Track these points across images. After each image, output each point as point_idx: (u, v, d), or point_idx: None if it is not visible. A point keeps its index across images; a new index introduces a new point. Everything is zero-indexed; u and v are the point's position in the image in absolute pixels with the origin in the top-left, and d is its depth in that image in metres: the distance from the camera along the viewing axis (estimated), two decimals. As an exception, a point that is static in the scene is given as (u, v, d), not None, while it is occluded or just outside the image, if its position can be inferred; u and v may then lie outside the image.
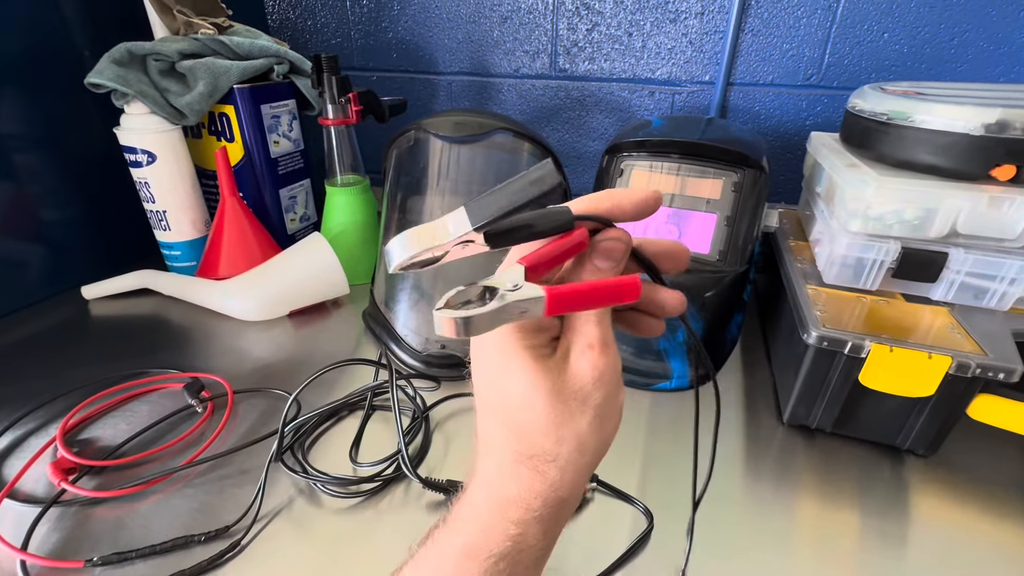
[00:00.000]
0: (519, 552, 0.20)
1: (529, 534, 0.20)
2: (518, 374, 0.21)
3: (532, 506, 0.20)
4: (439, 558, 0.20)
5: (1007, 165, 0.38)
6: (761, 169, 0.50)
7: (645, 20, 0.73)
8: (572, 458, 0.20)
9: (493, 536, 0.20)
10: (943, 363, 0.36)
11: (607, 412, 0.21)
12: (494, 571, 0.19)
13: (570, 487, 0.21)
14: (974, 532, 0.37)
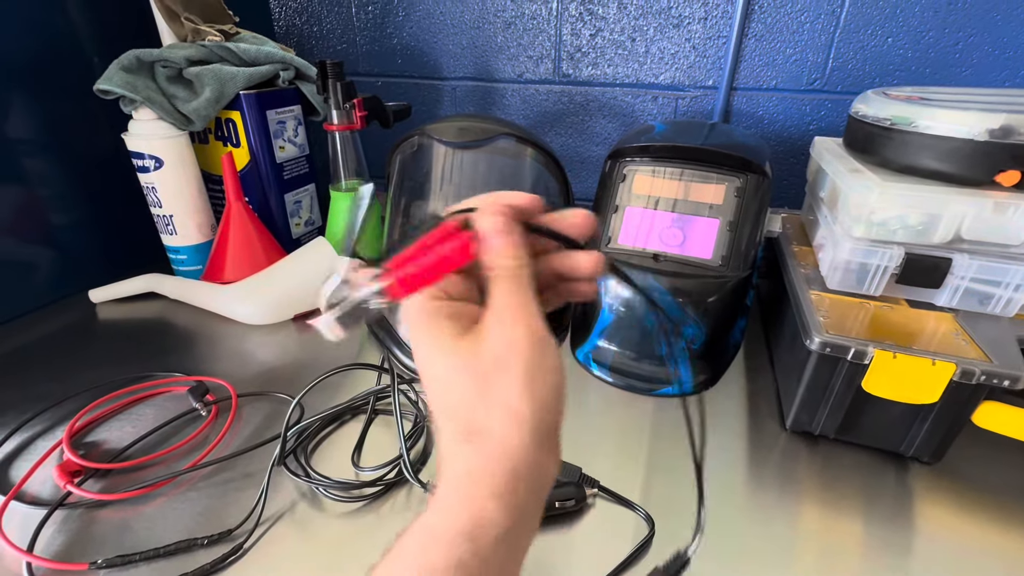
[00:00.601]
0: (478, 528, 0.19)
1: (487, 510, 0.20)
2: (439, 357, 0.21)
3: (482, 481, 0.20)
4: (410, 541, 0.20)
5: (1012, 171, 0.38)
6: (764, 174, 0.50)
7: (648, 25, 0.73)
8: (508, 427, 0.20)
9: (452, 515, 0.20)
10: (947, 370, 0.36)
11: (533, 376, 0.21)
12: (459, 550, 0.19)
13: (518, 457, 0.20)
14: (980, 541, 0.37)
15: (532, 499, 0.21)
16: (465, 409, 0.21)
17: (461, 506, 0.20)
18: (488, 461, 0.20)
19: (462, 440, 0.21)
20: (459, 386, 0.21)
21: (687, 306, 0.49)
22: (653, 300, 0.31)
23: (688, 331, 0.50)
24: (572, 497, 0.38)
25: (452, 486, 0.21)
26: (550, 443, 0.22)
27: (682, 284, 0.50)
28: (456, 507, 0.20)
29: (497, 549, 0.20)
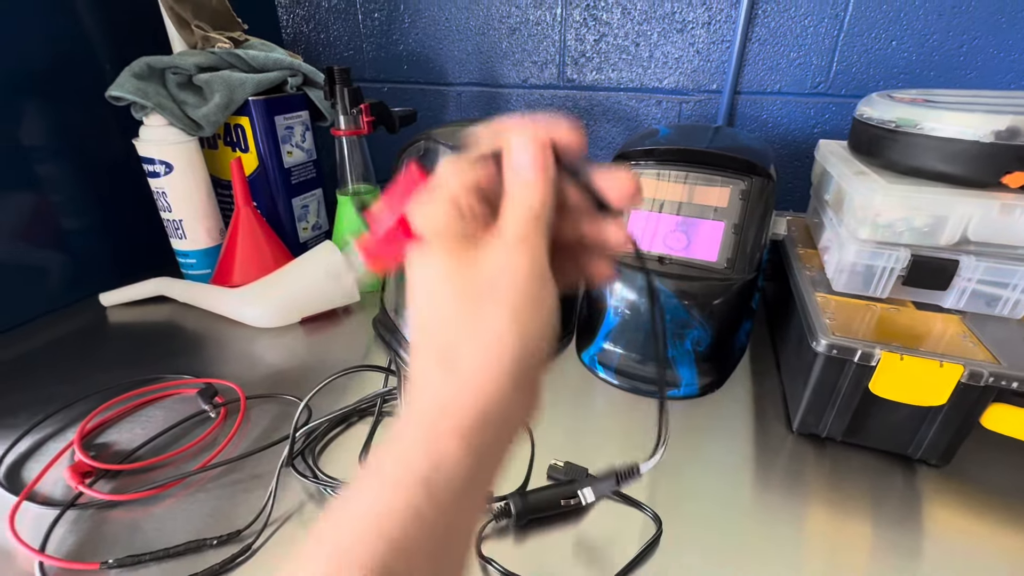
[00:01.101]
0: (436, 472, 0.18)
1: (449, 450, 0.18)
2: (431, 270, 0.20)
3: (448, 415, 0.18)
4: (362, 486, 0.18)
5: (1018, 172, 0.38)
6: (768, 177, 0.50)
7: (652, 30, 0.73)
8: (488, 356, 0.19)
9: (409, 455, 0.18)
10: (955, 371, 0.36)
11: (526, 306, 0.19)
12: (414, 496, 0.17)
13: (491, 392, 0.19)
14: (989, 544, 0.37)
15: (498, 446, 0.19)
16: (447, 329, 0.19)
17: (420, 445, 0.18)
18: (459, 392, 0.19)
19: (435, 364, 0.19)
20: (446, 302, 0.20)
21: (692, 309, 0.50)
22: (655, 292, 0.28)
23: (693, 334, 0.50)
24: (577, 495, 0.38)
25: (414, 420, 0.19)
26: (529, 386, 0.20)
27: (687, 287, 0.50)
28: (415, 446, 0.18)
29: (455, 498, 0.18)
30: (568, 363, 0.56)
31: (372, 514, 0.17)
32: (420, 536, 0.17)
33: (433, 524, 0.17)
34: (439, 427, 0.18)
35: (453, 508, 0.18)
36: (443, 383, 0.19)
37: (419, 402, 0.19)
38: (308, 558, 0.17)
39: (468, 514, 0.19)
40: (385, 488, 0.17)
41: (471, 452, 0.18)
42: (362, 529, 0.17)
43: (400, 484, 0.17)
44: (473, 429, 0.18)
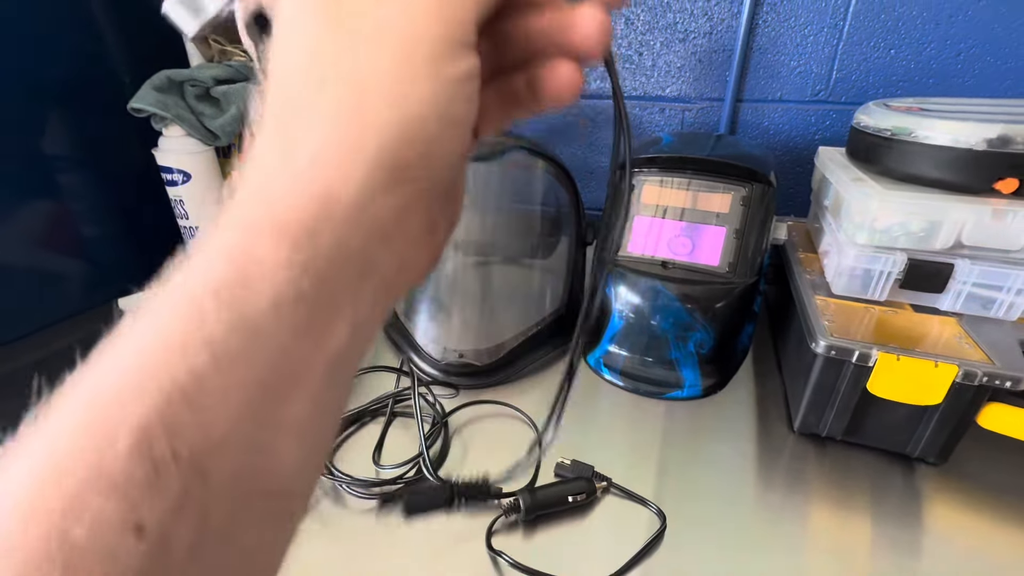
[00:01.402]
0: (242, 285, 0.12)
1: (264, 254, 0.12)
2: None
3: (271, 200, 0.13)
4: (143, 313, 0.13)
5: (1010, 178, 0.39)
6: (769, 183, 0.52)
7: (655, 40, 0.75)
8: (339, 121, 0.13)
9: (211, 261, 0.13)
10: (950, 371, 0.37)
11: (415, 62, 0.13)
12: (208, 312, 0.12)
13: (337, 182, 0.13)
14: (988, 540, 0.38)
15: (345, 269, 0.14)
16: (296, 78, 0.14)
17: (224, 248, 0.13)
18: (295, 175, 0.13)
19: (273, 134, 0.14)
20: (305, 36, 0.14)
21: (695, 312, 0.51)
22: (618, 90, 0.22)
23: (697, 336, 0.51)
24: (584, 491, 0.39)
25: (225, 219, 0.13)
26: (406, 192, 0.14)
27: (690, 290, 0.51)
28: (217, 251, 0.13)
29: (274, 323, 0.12)
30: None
31: (142, 351, 0.12)
32: (217, 375, 0.12)
33: (237, 360, 0.12)
34: (251, 216, 0.13)
35: (275, 343, 0.12)
36: (275, 159, 0.14)
37: (239, 192, 0.14)
38: (55, 423, 0.12)
39: (305, 365, 0.13)
40: (163, 310, 0.12)
41: (297, 263, 0.13)
42: (131, 373, 0.12)
43: (187, 300, 0.12)
44: (301, 225, 0.13)
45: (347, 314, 0.14)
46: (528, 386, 0.54)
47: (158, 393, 0.11)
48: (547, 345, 0.57)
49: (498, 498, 0.39)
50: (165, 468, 0.11)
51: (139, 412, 0.11)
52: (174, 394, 0.11)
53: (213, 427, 0.12)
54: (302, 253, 0.13)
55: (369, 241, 0.14)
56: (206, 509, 0.12)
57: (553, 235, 0.60)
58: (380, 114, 0.13)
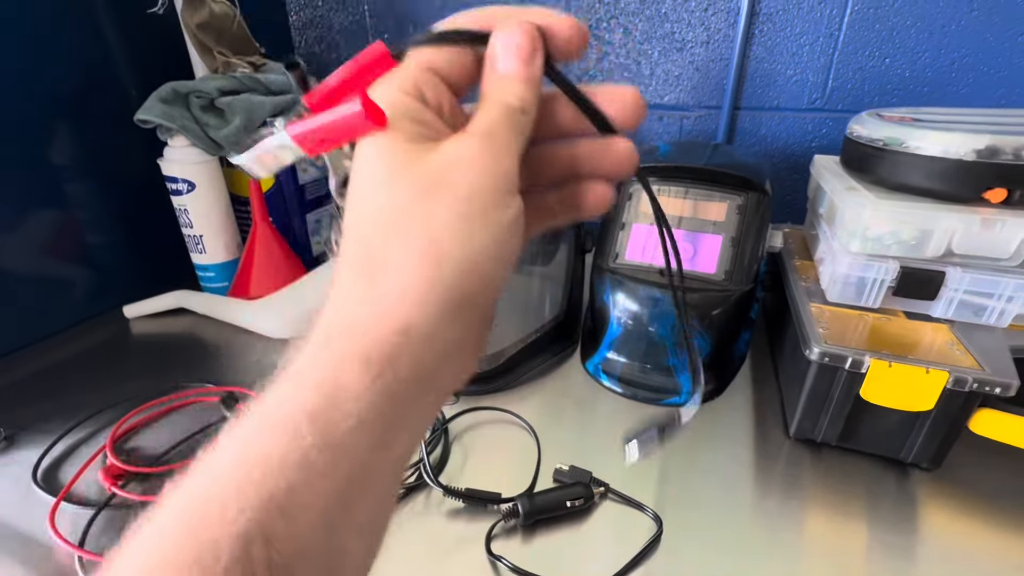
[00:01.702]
0: (331, 407, 0.14)
1: (346, 375, 0.14)
2: (374, 158, 0.16)
3: (355, 337, 0.15)
4: (237, 434, 0.14)
5: (998, 188, 0.40)
6: (764, 192, 0.52)
7: (653, 49, 0.76)
8: (417, 263, 0.15)
9: (298, 389, 0.15)
10: (941, 378, 0.38)
11: (474, 212, 0.15)
12: (300, 438, 0.14)
13: (412, 316, 0.15)
14: (981, 544, 0.38)
15: (416, 392, 0.15)
16: (378, 232, 0.16)
17: (313, 372, 0.15)
18: (375, 309, 0.15)
19: (355, 276, 0.16)
20: (383, 199, 0.16)
21: (692, 319, 0.52)
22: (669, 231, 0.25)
23: (694, 343, 0.52)
24: (582, 496, 0.40)
25: (312, 345, 0.15)
26: (468, 321, 0.16)
27: (687, 298, 0.52)
28: (308, 375, 0.15)
29: (357, 444, 0.14)
30: (573, 371, 0.58)
31: (243, 464, 0.13)
32: (307, 489, 0.13)
33: (325, 474, 0.14)
34: (340, 349, 0.15)
35: (354, 457, 0.14)
36: (359, 299, 0.15)
37: (324, 326, 0.15)
38: (156, 535, 0.13)
39: (376, 473, 0.15)
40: (263, 429, 0.14)
41: (379, 388, 0.14)
42: (228, 485, 0.13)
43: (283, 423, 0.14)
44: (384, 355, 0.14)
45: (412, 425, 0.16)
46: (528, 393, 0.54)
47: (259, 506, 0.13)
48: (546, 352, 0.57)
49: (497, 503, 0.40)
50: (262, 574, 0.13)
51: (242, 523, 0.13)
52: (272, 507, 0.13)
53: (301, 536, 0.13)
54: (383, 379, 0.15)
55: (438, 362, 0.16)
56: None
57: (552, 243, 0.61)
58: (451, 259, 0.15)
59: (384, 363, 0.15)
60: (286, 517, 0.13)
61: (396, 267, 0.15)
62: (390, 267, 0.15)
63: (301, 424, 0.14)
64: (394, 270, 0.15)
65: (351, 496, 0.15)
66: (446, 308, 0.15)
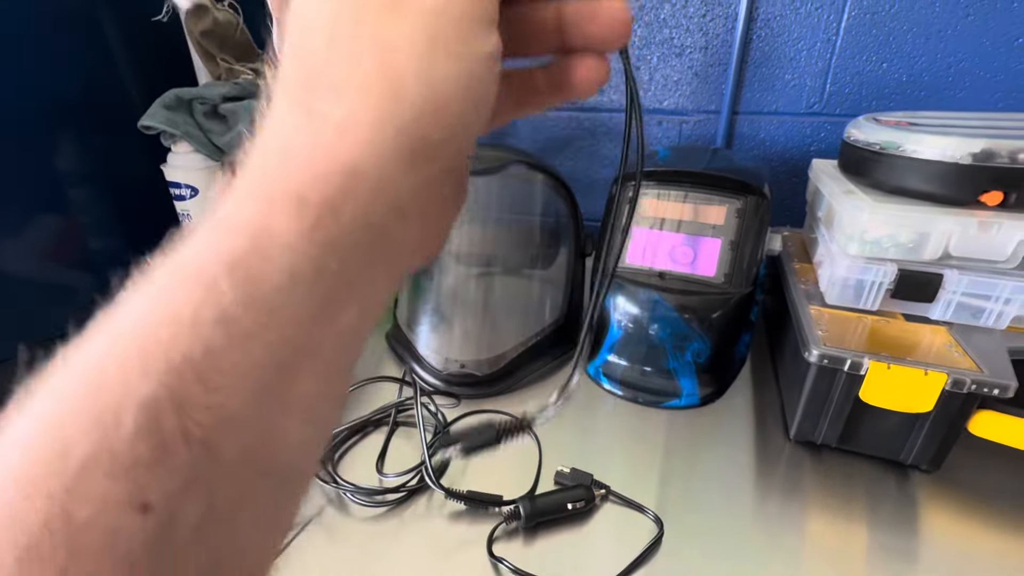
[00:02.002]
0: (256, 254, 0.12)
1: (279, 224, 0.12)
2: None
3: (291, 173, 0.12)
4: (145, 284, 0.12)
5: (994, 191, 0.40)
6: (763, 196, 0.53)
7: (652, 55, 0.77)
8: (366, 92, 0.13)
9: (222, 232, 0.12)
10: (939, 379, 0.38)
11: (448, 34, 0.13)
12: (217, 290, 0.12)
13: (357, 150, 0.13)
14: (982, 546, 0.38)
15: (363, 247, 0.13)
16: (320, 46, 0.13)
17: (237, 215, 0.12)
18: (312, 139, 0.13)
19: (291, 103, 0.13)
20: (328, 5, 0.13)
21: (692, 322, 0.52)
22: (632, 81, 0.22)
23: (694, 346, 0.52)
24: (583, 499, 0.40)
25: (238, 184, 0.13)
26: (426, 172, 0.14)
27: (687, 301, 0.52)
28: (230, 219, 0.12)
29: (289, 300, 0.12)
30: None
31: (149, 323, 0.11)
32: (230, 353, 0.11)
33: (251, 336, 0.12)
34: (268, 188, 0.12)
35: (289, 321, 0.12)
36: (295, 128, 0.13)
37: (253, 164, 0.13)
38: (51, 398, 0.11)
39: (319, 345, 0.13)
40: (173, 283, 0.12)
41: (317, 238, 0.12)
42: (135, 348, 0.11)
43: (197, 275, 0.12)
44: (324, 198, 0.12)
45: (360, 292, 0.14)
46: (528, 396, 0.55)
47: (167, 369, 0.11)
48: (547, 355, 0.58)
49: (499, 506, 0.40)
50: (174, 446, 0.11)
51: (147, 388, 0.11)
52: (185, 371, 0.11)
53: (225, 406, 0.11)
54: (323, 228, 0.12)
55: (388, 219, 0.14)
56: (213, 488, 0.11)
57: (552, 246, 0.61)
58: (410, 89, 0.13)
59: (323, 207, 0.12)
60: (204, 383, 0.11)
61: (341, 92, 0.13)
62: (334, 92, 0.13)
63: (219, 276, 0.12)
64: (339, 96, 0.13)
65: (288, 369, 0.12)
66: (401, 152, 0.13)
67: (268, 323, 0.12)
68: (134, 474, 0.10)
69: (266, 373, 0.12)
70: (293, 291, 0.12)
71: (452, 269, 0.59)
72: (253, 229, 0.12)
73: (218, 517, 0.12)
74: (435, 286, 0.59)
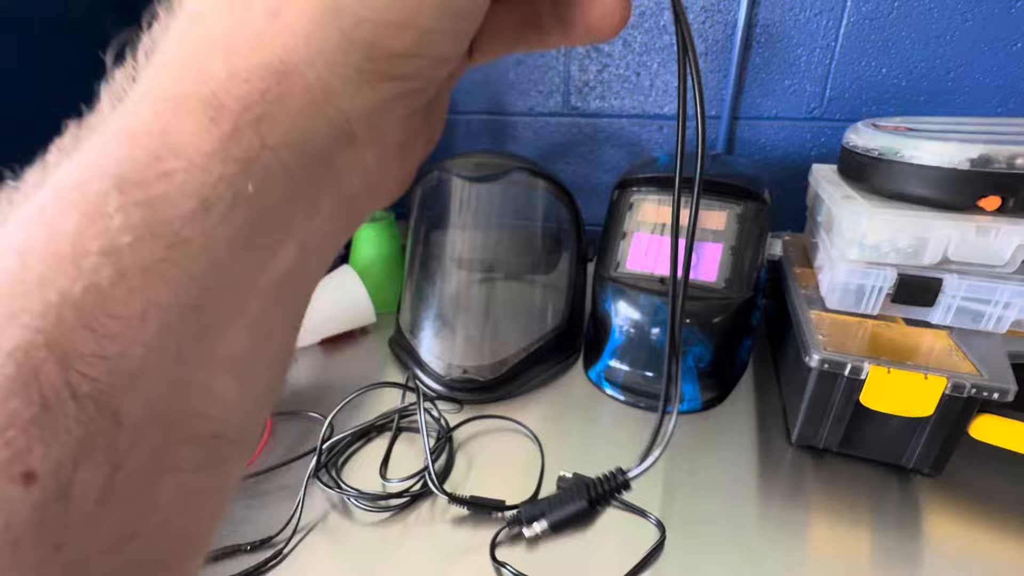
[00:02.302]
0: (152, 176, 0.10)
1: (184, 130, 0.10)
2: None
3: (200, 61, 0.10)
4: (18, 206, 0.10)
5: (992, 196, 0.40)
6: (762, 201, 0.53)
7: (652, 61, 0.77)
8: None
9: (111, 137, 0.10)
10: (939, 383, 0.38)
11: None
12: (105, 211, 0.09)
13: (299, 46, 0.10)
14: (984, 550, 0.38)
15: (298, 171, 0.11)
16: None
17: (132, 120, 0.10)
18: (237, 23, 0.10)
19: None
20: None
21: (693, 327, 0.52)
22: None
23: (695, 351, 0.53)
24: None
25: (143, 80, 0.11)
26: (381, 91, 0.12)
27: (688, 306, 0.52)
28: (122, 124, 0.10)
29: (201, 230, 0.10)
30: (575, 379, 0.58)
31: (20, 254, 0.09)
32: (126, 293, 0.09)
33: (152, 273, 0.10)
34: (171, 87, 0.10)
35: (204, 256, 0.10)
36: (218, 17, 0.11)
37: (155, 57, 0.11)
38: None
39: (249, 290, 0.11)
40: (51, 205, 0.10)
41: (234, 154, 0.10)
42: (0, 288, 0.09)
43: (80, 194, 0.10)
44: (242, 104, 0.10)
45: (298, 230, 0.11)
46: (530, 401, 0.55)
47: (42, 311, 0.09)
48: (549, 360, 0.58)
49: (501, 511, 0.41)
50: (59, 404, 0.09)
51: (15, 334, 0.09)
52: (65, 313, 0.09)
53: (125, 357, 0.09)
54: (243, 142, 0.10)
55: (334, 142, 0.11)
56: (118, 454, 0.10)
57: (554, 252, 0.62)
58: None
59: (242, 115, 0.10)
60: (91, 328, 0.09)
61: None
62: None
63: (106, 196, 0.09)
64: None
65: (208, 315, 0.10)
66: (348, 59, 0.11)
67: (171, 257, 0.10)
68: (7, 437, 0.09)
69: (173, 318, 0.10)
70: (203, 219, 0.10)
71: (455, 275, 0.60)
72: (151, 138, 0.10)
73: (128, 488, 0.10)
74: (437, 292, 0.60)
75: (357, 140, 0.12)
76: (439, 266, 0.60)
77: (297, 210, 0.11)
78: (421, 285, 0.61)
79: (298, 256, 0.12)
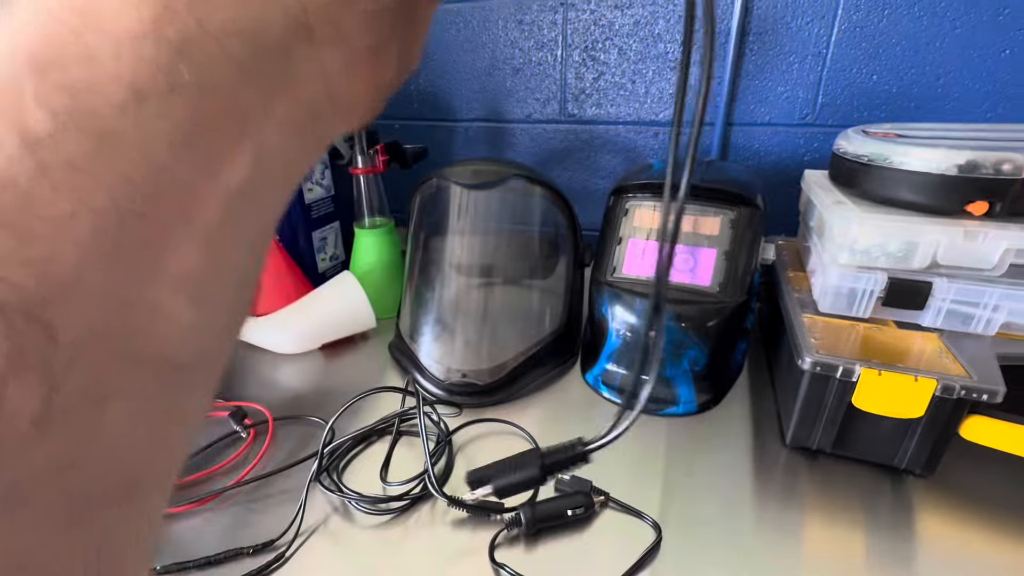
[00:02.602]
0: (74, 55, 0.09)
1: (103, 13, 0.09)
2: None
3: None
4: None
5: (980, 201, 0.41)
6: (756, 207, 0.54)
7: (647, 69, 0.79)
8: None
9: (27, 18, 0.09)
10: (929, 385, 0.39)
11: None
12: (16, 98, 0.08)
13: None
14: (977, 550, 0.39)
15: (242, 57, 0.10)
16: None
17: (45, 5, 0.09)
18: None
19: None
20: None
21: (688, 331, 0.53)
22: None
23: (690, 354, 0.53)
24: (582, 505, 0.41)
25: None
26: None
27: (683, 310, 0.53)
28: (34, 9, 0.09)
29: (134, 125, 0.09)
30: (573, 383, 0.59)
31: None
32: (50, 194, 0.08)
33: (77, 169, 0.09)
34: None
35: (137, 154, 0.09)
36: None
37: None
38: None
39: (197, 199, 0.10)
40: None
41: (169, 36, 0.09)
42: None
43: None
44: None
45: (252, 135, 0.10)
46: (529, 404, 0.56)
47: None
48: (547, 364, 0.59)
49: (500, 513, 0.41)
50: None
51: None
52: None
53: (54, 262, 0.08)
54: (178, 23, 0.09)
55: (289, 35, 0.10)
56: (54, 373, 0.09)
57: (552, 257, 0.63)
58: None
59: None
60: (13, 231, 0.08)
61: None
62: None
63: (22, 80, 0.08)
64: None
65: (152, 223, 0.09)
66: None
67: (101, 153, 0.09)
68: None
69: (110, 223, 0.09)
70: (136, 111, 0.09)
71: (454, 280, 0.60)
72: (71, 13, 0.09)
73: (67, 412, 0.09)
74: (437, 297, 0.60)
75: (315, 36, 0.11)
76: (438, 272, 0.61)
77: (249, 111, 0.10)
78: (420, 290, 0.62)
79: (253, 164, 0.10)
